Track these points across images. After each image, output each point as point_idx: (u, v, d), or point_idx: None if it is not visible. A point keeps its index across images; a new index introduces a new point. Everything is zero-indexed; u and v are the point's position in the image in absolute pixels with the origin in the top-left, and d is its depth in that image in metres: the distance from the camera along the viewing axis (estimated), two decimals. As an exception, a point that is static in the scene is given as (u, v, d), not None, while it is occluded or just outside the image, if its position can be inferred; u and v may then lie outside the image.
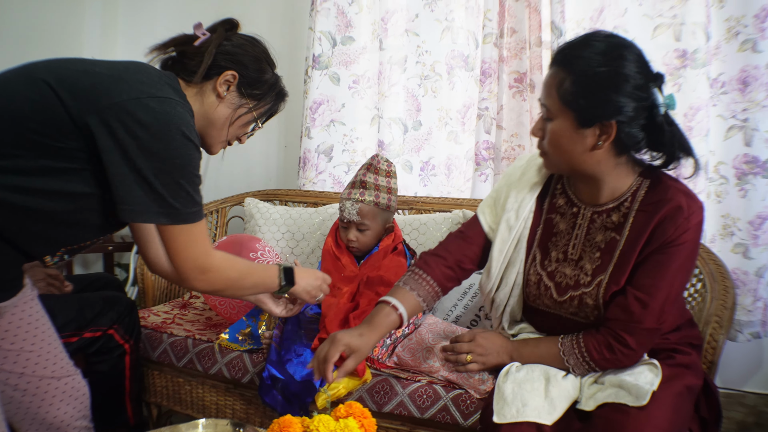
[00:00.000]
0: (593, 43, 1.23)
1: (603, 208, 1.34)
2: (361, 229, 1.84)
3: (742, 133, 2.16)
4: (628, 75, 1.19)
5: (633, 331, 1.27)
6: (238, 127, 1.41)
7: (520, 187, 1.48)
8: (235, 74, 1.35)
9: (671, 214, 1.23)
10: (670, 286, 1.26)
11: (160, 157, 1.15)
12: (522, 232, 1.45)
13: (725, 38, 2.16)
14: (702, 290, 1.68)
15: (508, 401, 1.27)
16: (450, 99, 2.59)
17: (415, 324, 1.81)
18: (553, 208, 1.43)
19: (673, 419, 1.19)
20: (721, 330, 1.48)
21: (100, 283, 2.02)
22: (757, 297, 2.17)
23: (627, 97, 1.19)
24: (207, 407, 1.89)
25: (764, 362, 2.37)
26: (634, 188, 1.31)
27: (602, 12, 2.25)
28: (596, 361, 1.31)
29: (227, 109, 1.37)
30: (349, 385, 1.61)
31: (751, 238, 2.15)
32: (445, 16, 2.54)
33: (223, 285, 1.34)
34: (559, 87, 1.23)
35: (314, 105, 2.58)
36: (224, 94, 1.35)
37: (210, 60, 1.33)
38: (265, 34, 2.99)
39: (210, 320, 2.11)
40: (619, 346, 1.28)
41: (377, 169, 1.86)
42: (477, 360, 1.45)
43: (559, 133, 1.26)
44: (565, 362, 1.35)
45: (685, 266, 1.27)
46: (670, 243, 1.24)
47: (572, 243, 1.38)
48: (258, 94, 1.40)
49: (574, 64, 1.22)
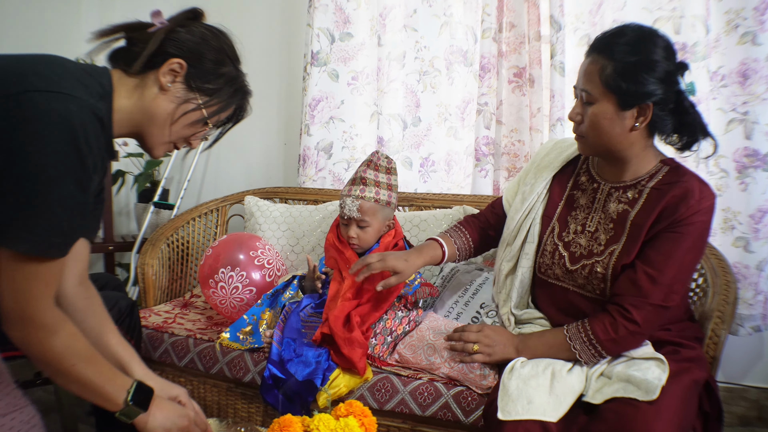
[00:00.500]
0: (627, 32, 1.34)
1: (621, 185, 1.43)
2: (361, 225, 1.83)
3: (742, 126, 2.15)
4: (659, 60, 1.30)
5: (639, 305, 1.31)
6: (184, 126, 1.20)
7: (542, 167, 1.62)
8: (182, 63, 1.15)
9: (684, 194, 1.30)
10: (680, 263, 1.30)
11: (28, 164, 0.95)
12: (535, 205, 1.58)
13: (725, 31, 2.16)
14: (704, 285, 1.68)
15: (513, 398, 1.27)
16: (449, 94, 2.59)
17: (416, 321, 1.81)
18: (576, 186, 1.54)
19: (683, 413, 1.20)
20: (723, 325, 1.48)
21: (100, 282, 2.00)
22: (758, 290, 2.17)
23: (661, 81, 1.30)
24: (208, 407, 1.89)
25: (765, 355, 2.37)
26: (653, 171, 1.40)
27: (601, 5, 2.25)
28: (602, 343, 1.34)
29: (170, 104, 1.17)
30: (350, 384, 1.61)
31: (751, 232, 2.15)
32: (444, 11, 2.53)
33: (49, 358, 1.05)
34: (601, 73, 1.32)
35: (313, 102, 2.57)
36: (168, 86, 1.15)
37: (155, 45, 1.14)
38: (263, 31, 3.02)
39: (211, 319, 2.11)
40: (624, 321, 1.31)
41: (377, 166, 1.86)
42: (483, 351, 1.50)
43: (600, 115, 1.34)
44: (571, 348, 1.37)
45: (696, 246, 1.31)
46: (681, 221, 1.30)
47: (590, 216, 1.46)
48: (210, 89, 1.20)
49: (614, 51, 1.32)
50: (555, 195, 1.57)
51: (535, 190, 1.59)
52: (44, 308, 1.03)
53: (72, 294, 1.30)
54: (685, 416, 1.21)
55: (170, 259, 2.32)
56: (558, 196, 1.56)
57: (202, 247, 2.48)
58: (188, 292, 2.40)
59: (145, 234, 2.85)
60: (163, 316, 2.10)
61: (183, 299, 2.33)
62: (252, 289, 1.98)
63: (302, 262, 2.29)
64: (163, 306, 2.22)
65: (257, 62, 3.00)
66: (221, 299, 1.99)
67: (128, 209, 3.30)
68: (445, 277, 1.99)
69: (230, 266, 1.99)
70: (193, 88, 1.18)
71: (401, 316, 1.79)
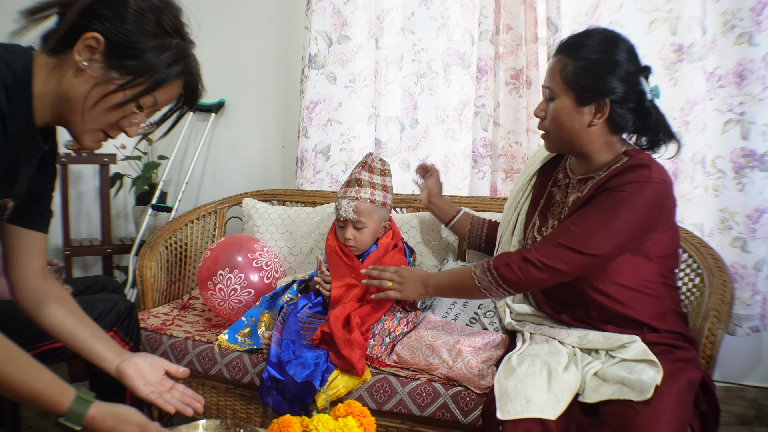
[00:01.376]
0: (592, 34, 1.43)
1: (585, 176, 1.50)
2: (358, 227, 1.84)
3: (739, 126, 2.16)
4: (620, 61, 1.38)
5: (540, 242, 1.42)
6: (105, 111, 1.04)
7: (528, 166, 1.75)
8: (98, 37, 0.98)
9: (626, 170, 1.37)
10: (595, 221, 1.36)
11: None
12: (520, 201, 1.69)
13: (721, 32, 2.17)
14: (700, 285, 1.68)
15: (512, 397, 1.27)
16: (446, 96, 2.59)
17: (414, 322, 1.82)
18: (555, 183, 1.62)
19: (680, 413, 1.21)
20: (720, 324, 1.48)
21: (99, 285, 2.02)
22: (755, 291, 2.17)
23: (619, 80, 1.38)
24: (207, 408, 1.89)
25: (763, 356, 2.37)
26: (614, 161, 1.45)
27: (598, 7, 2.25)
28: (498, 268, 1.44)
29: (86, 85, 1.01)
30: (349, 385, 1.62)
31: (749, 232, 2.16)
32: (441, 13, 2.54)
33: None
34: (562, 71, 1.41)
35: (311, 104, 2.58)
36: (84, 65, 1.00)
37: (74, 17, 0.98)
38: (261, 34, 3.03)
39: (209, 321, 2.12)
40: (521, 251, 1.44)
41: (372, 168, 1.86)
42: (395, 287, 1.61)
43: (560, 110, 1.42)
44: (476, 282, 1.47)
45: (616, 210, 1.35)
46: (607, 190, 1.38)
47: (563, 210, 1.53)
48: (134, 65, 1.02)
49: (576, 51, 1.40)
50: (538, 192, 1.67)
51: (520, 186, 1.72)
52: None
53: (38, 288, 1.25)
54: (682, 417, 1.21)
55: (168, 262, 2.32)
56: (540, 193, 1.66)
57: (200, 250, 2.48)
58: (186, 294, 2.40)
59: (143, 236, 2.85)
60: (162, 318, 2.11)
61: (181, 301, 2.33)
62: (250, 291, 1.98)
63: (300, 263, 2.29)
64: (161, 308, 2.22)
65: (255, 65, 3.00)
66: (220, 301, 1.99)
67: (126, 212, 3.30)
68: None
69: (228, 268, 1.99)
70: (115, 67, 1.01)
71: (400, 317, 1.80)
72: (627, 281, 1.41)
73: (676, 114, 2.18)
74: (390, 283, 1.61)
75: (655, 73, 2.21)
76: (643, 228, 1.37)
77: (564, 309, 1.52)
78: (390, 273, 1.63)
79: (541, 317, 1.58)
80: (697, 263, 1.72)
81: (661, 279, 1.43)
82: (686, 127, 2.16)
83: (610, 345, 1.39)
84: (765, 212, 2.14)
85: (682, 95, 2.16)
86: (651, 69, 1.42)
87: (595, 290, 1.43)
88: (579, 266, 1.38)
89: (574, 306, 1.49)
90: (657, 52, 2.20)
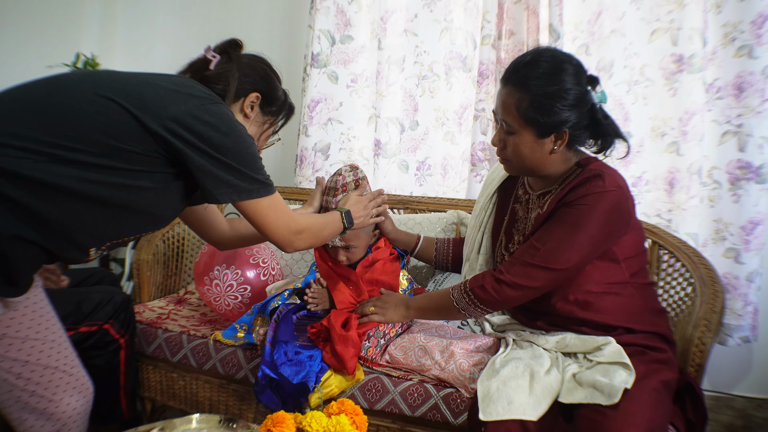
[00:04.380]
0: (539, 62, 1.41)
1: (543, 191, 1.53)
2: (347, 248, 1.81)
3: (736, 138, 2.17)
4: (570, 88, 1.38)
5: (510, 264, 1.45)
6: (263, 142, 1.55)
7: (487, 184, 1.78)
8: (258, 95, 1.47)
9: (581, 183, 1.40)
10: (560, 237, 1.39)
11: (235, 148, 1.29)
12: (484, 220, 1.73)
13: (721, 44, 2.18)
14: (692, 294, 1.70)
15: (494, 399, 1.30)
16: (447, 99, 2.61)
17: (408, 324, 1.83)
18: (516, 199, 1.65)
19: (652, 416, 1.22)
20: (710, 333, 1.50)
21: (96, 277, 2.03)
22: (747, 302, 2.19)
23: (572, 107, 1.39)
24: (200, 402, 1.90)
25: (753, 366, 2.39)
26: (567, 174, 1.49)
27: (600, 15, 2.27)
28: (474, 290, 1.48)
29: (255, 128, 1.50)
30: (342, 384, 1.63)
31: (742, 243, 2.17)
32: (444, 16, 2.55)
33: (313, 240, 1.51)
34: (518, 106, 1.40)
35: (312, 103, 2.59)
36: (251, 115, 1.47)
37: (236, 84, 1.44)
38: (264, 31, 3.04)
39: (205, 316, 2.13)
40: (492, 272, 1.47)
41: (345, 186, 1.76)
42: (377, 312, 1.68)
43: (521, 144, 1.44)
44: (455, 304, 1.53)
45: (578, 224, 1.38)
46: (566, 204, 1.41)
47: (528, 225, 1.56)
48: (275, 110, 1.53)
49: (529, 84, 1.39)
50: (500, 209, 1.71)
51: (482, 206, 1.75)
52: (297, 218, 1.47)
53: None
54: (654, 418, 1.22)
55: (165, 255, 2.33)
56: (503, 211, 1.69)
57: (197, 244, 2.49)
58: (182, 289, 2.41)
59: (141, 230, 2.85)
60: (158, 311, 2.12)
61: (177, 296, 2.34)
62: (246, 287, 1.99)
63: (296, 261, 2.30)
64: (157, 302, 2.23)
65: (257, 62, 3.01)
66: (216, 296, 2.00)
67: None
68: (437, 282, 2.00)
69: (225, 264, 2.00)
70: (266, 112, 1.52)
71: (394, 318, 1.80)
72: (596, 287, 1.44)
73: (675, 124, 2.20)
74: (371, 308, 1.69)
75: (655, 83, 2.24)
76: (605, 236, 1.40)
77: (537, 317, 1.54)
78: (372, 300, 1.72)
79: (519, 325, 1.61)
80: (690, 272, 1.74)
81: (630, 280, 1.45)
82: (684, 137, 2.17)
83: (587, 348, 1.42)
84: (759, 224, 2.15)
85: (680, 105, 2.18)
86: (598, 79, 1.45)
87: (565, 301, 1.46)
88: (549, 281, 1.42)
89: (545, 314, 1.52)
90: (657, 62, 2.22)
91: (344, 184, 1.77)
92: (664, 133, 2.23)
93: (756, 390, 2.40)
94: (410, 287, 1.85)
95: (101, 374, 1.79)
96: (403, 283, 1.83)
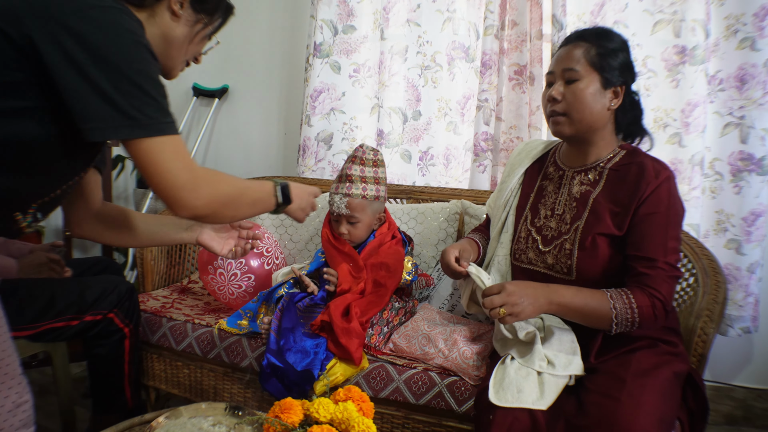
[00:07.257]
0: (598, 29, 1.52)
1: (583, 168, 1.54)
2: (351, 221, 1.84)
3: (738, 130, 2.18)
4: (630, 59, 1.49)
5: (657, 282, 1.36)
6: (197, 44, 1.38)
7: (514, 165, 1.75)
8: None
9: (640, 171, 1.42)
10: (664, 234, 1.38)
11: (116, 65, 1.04)
12: (509, 199, 1.70)
13: (724, 36, 2.19)
14: (694, 284, 1.71)
15: (504, 386, 1.31)
16: (450, 90, 2.61)
17: (411, 312, 1.84)
18: (545, 176, 1.65)
19: (664, 406, 1.23)
20: (712, 324, 1.51)
21: (99, 267, 2.03)
22: (748, 293, 2.20)
23: (631, 72, 1.49)
24: (205, 391, 1.91)
25: (754, 357, 2.41)
26: (612, 155, 1.51)
27: (603, 6, 2.27)
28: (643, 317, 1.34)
29: (186, 27, 1.31)
30: (347, 372, 1.64)
31: (744, 234, 2.18)
32: (447, 7, 2.55)
33: (220, 201, 1.21)
34: (586, 54, 1.46)
35: (315, 93, 2.59)
36: (180, 13, 1.28)
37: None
38: (267, 21, 3.03)
39: (209, 305, 2.14)
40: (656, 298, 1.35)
41: (363, 160, 1.85)
42: (512, 312, 1.34)
43: (586, 90, 1.45)
44: (613, 316, 1.35)
45: (672, 209, 1.39)
46: (646, 198, 1.40)
47: (558, 201, 1.56)
48: (209, 7, 1.35)
49: (599, 39, 1.47)
50: (527, 188, 1.69)
51: (508, 186, 1.71)
52: (196, 168, 1.18)
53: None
54: (666, 409, 1.23)
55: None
56: (530, 189, 1.68)
57: (200, 234, 2.49)
58: (186, 278, 2.41)
59: (143, 219, 2.86)
60: (162, 300, 2.12)
61: (181, 285, 2.35)
62: (250, 276, 2.00)
63: (300, 250, 2.31)
64: (161, 291, 2.24)
65: (260, 52, 3.01)
66: (219, 285, 2.01)
67: (127, 194, 3.31)
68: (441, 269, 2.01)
69: (229, 253, 2.01)
70: (198, 10, 1.33)
71: (398, 307, 1.82)
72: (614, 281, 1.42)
73: (677, 115, 2.20)
74: (503, 310, 1.34)
75: (658, 74, 2.24)
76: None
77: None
78: (498, 298, 1.36)
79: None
80: (692, 263, 1.75)
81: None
82: (686, 128, 2.18)
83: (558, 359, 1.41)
84: (760, 215, 2.16)
85: (683, 97, 2.18)
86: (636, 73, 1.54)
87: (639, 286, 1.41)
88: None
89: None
90: (660, 54, 2.22)
91: (362, 158, 1.87)
92: (667, 124, 2.24)
93: (756, 380, 2.42)
94: (414, 270, 1.86)
95: (106, 363, 1.80)
96: (407, 266, 1.84)
